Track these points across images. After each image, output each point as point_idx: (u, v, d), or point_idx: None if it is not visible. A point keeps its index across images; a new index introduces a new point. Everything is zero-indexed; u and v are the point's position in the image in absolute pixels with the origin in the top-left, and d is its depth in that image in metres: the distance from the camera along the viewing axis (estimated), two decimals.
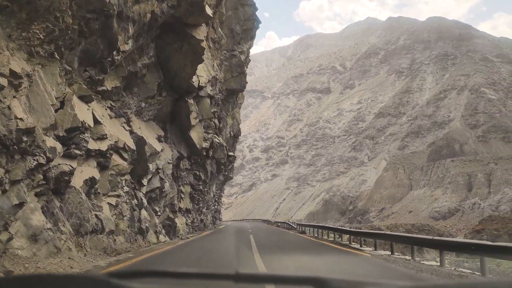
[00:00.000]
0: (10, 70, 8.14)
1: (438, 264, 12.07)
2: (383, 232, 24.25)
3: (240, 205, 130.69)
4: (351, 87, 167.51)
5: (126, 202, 16.29)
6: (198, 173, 30.67)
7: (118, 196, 15.71)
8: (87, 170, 13.01)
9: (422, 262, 12.95)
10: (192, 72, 22.01)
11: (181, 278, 1.58)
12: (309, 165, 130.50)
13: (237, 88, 38.47)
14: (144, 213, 18.16)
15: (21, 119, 8.34)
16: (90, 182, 13.02)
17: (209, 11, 20.02)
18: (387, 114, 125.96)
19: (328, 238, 24.26)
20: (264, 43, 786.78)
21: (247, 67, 41.86)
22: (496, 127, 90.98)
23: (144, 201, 18.60)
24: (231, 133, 44.30)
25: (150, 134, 19.82)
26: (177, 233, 24.11)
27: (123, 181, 16.27)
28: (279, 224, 50.82)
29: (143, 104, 19.14)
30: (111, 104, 15.76)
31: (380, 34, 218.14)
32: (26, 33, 8.83)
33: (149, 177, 19.32)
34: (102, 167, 14.45)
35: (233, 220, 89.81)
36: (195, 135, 27.35)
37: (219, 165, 36.76)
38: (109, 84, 14.88)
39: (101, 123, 14.01)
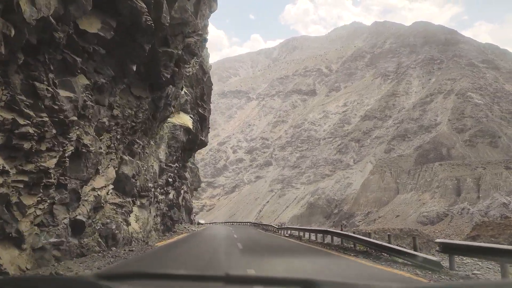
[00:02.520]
0: None
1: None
2: None
3: (223, 207, 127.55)
4: (337, 90, 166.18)
5: None
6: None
7: None
8: None
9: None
10: None
11: (171, 279, 1.63)
12: (293, 167, 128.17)
13: None
14: None
15: None
16: None
17: None
18: (373, 117, 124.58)
19: None
20: (249, 45, 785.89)
21: None
22: (483, 131, 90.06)
23: None
24: None
25: None
26: None
27: None
28: (299, 234, 26.42)
29: None
30: None
31: (366, 37, 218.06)
32: None
33: None
34: None
35: (213, 223, 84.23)
36: None
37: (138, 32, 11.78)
38: None
39: None
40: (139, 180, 16.49)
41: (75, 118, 9.72)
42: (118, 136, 13.44)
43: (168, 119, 21.54)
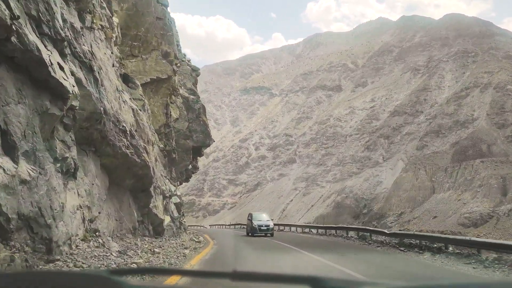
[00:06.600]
0: None
1: None
2: None
3: (244, 205, 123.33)
4: (364, 85, 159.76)
5: None
6: None
7: None
8: None
9: None
10: None
11: (180, 275, 1.72)
12: (318, 164, 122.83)
13: None
14: None
15: None
16: None
17: None
18: (403, 113, 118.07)
19: None
20: (271, 44, 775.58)
21: None
22: None
23: None
24: None
25: None
26: None
27: None
28: None
29: None
30: None
31: (393, 32, 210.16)
32: None
33: None
34: None
35: (232, 225, 72.19)
36: None
37: None
38: None
39: None
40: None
41: None
42: None
43: None
